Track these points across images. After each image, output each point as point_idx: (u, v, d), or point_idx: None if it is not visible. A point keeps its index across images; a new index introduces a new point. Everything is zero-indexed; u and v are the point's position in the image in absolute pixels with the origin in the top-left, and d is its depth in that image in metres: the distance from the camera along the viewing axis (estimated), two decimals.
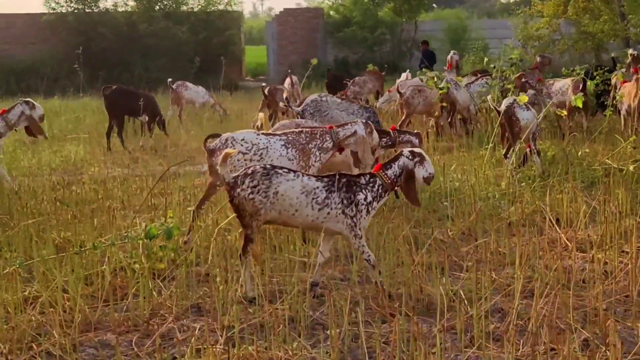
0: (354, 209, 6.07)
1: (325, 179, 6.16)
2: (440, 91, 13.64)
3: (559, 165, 10.67)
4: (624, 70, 15.25)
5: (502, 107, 10.68)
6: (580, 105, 10.26)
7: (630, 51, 15.17)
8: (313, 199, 6.05)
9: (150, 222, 7.94)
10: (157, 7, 31.63)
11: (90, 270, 6.68)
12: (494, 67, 18.01)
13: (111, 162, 12.49)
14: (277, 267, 6.90)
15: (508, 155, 10.40)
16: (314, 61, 18.62)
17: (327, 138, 7.66)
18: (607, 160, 10.61)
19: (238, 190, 6.03)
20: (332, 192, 6.06)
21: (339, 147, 7.77)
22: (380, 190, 6.17)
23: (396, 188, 6.27)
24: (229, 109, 18.74)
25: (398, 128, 9.88)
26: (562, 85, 14.79)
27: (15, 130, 10.82)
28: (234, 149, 7.15)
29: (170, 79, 17.16)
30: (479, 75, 16.75)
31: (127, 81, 24.96)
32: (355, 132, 7.70)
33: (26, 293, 6.30)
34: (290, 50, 32.44)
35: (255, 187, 6.00)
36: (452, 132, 14.22)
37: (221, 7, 32.73)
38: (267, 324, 5.65)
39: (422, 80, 14.78)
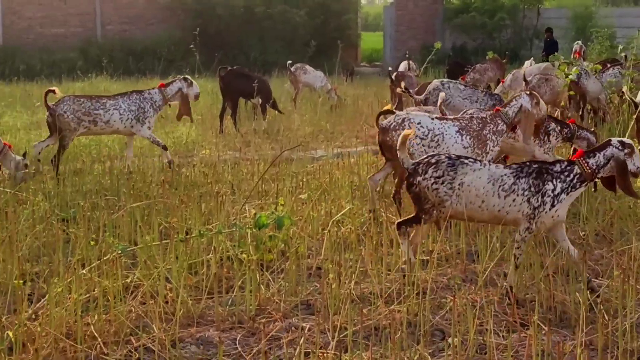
0: (539, 199, 5.62)
1: (514, 166, 5.78)
2: (568, 79, 12.85)
3: None
4: None
5: (638, 100, 9.88)
6: None
7: None
8: (500, 186, 5.66)
9: (260, 210, 7.58)
10: None
11: (195, 259, 6.31)
12: (625, 55, 17.06)
13: (223, 145, 12.17)
14: (395, 264, 6.35)
15: None
16: (438, 45, 18.03)
17: (499, 121, 7.36)
18: None
19: (419, 178, 5.74)
20: (520, 177, 5.65)
21: (512, 126, 7.47)
22: (576, 180, 5.66)
23: (597, 179, 5.85)
24: (344, 94, 18.25)
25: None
26: None
27: (169, 106, 10.76)
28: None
29: (289, 62, 16.84)
30: (610, 65, 15.77)
31: (243, 64, 24.74)
32: (521, 106, 7.32)
33: (128, 280, 5.96)
34: (408, 36, 31.65)
35: (439, 177, 5.70)
36: (582, 123, 13.37)
37: None
38: (382, 328, 5.16)
39: (553, 66, 14.04)
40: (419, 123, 7.25)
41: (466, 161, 5.75)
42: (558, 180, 5.61)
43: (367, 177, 9.17)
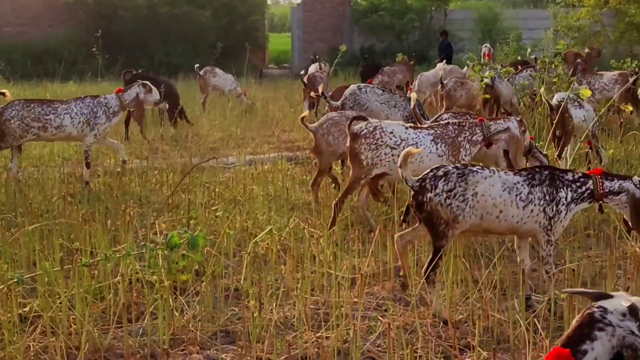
0: (554, 208, 5.32)
1: (524, 173, 5.44)
2: (483, 83, 12.74)
3: (621, 165, 9.76)
4: None
5: (554, 102, 9.72)
6: None
7: None
8: (517, 195, 5.30)
9: (172, 227, 7.07)
10: None
11: (102, 283, 5.75)
12: (535, 57, 17.12)
13: (129, 153, 11.55)
14: (319, 283, 5.92)
15: (562, 156, 9.42)
16: (343, 48, 17.69)
17: (477, 131, 7.12)
18: None
19: (429, 195, 5.26)
20: (535, 186, 5.35)
21: (488, 141, 7.18)
22: (586, 195, 5.40)
23: (603, 201, 5.58)
24: (254, 98, 17.76)
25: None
26: (608, 79, 13.85)
27: (129, 111, 10.28)
28: (413, 148, 6.35)
29: (197, 65, 16.24)
30: (522, 67, 15.75)
31: (147, 66, 23.98)
32: (508, 128, 7.15)
33: (26, 309, 5.38)
34: (316, 37, 31.30)
35: (451, 190, 5.25)
36: None
37: None
38: (310, 357, 4.73)
39: (468, 67, 13.92)
40: (391, 132, 6.99)
41: (475, 169, 5.35)
42: (569, 189, 5.36)
43: (283, 187, 8.79)
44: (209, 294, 5.56)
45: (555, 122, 9.53)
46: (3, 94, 9.34)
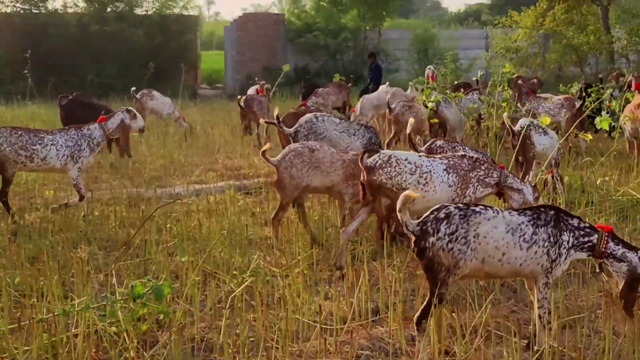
0: (557, 250, 5.09)
1: (529, 212, 5.17)
2: (430, 107, 12.57)
3: (578, 193, 9.63)
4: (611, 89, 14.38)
5: (517, 128, 9.58)
6: (607, 128, 9.15)
7: (631, 76, 14.20)
8: (520, 236, 5.01)
9: (128, 270, 6.64)
10: (109, 9, 29.90)
11: (54, 338, 5.27)
12: (477, 80, 17.09)
13: (67, 183, 11.00)
14: (290, 332, 5.55)
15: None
16: (286, 68, 17.42)
17: (494, 174, 7.09)
18: (631, 190, 9.59)
19: (432, 239, 4.92)
20: (540, 226, 5.08)
21: (499, 190, 7.11)
22: (586, 246, 5.16)
23: (602, 262, 5.26)
24: (192, 121, 17.29)
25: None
26: (554, 103, 13.78)
27: (113, 139, 9.88)
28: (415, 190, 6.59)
29: (133, 88, 15.70)
30: (467, 90, 15.68)
31: (77, 87, 23.23)
32: (522, 191, 7.07)
33: None
34: (250, 57, 30.91)
35: (453, 233, 4.92)
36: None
37: (177, 10, 31.20)
38: None
39: (417, 89, 13.77)
40: (406, 159, 6.96)
41: (477, 209, 5.05)
42: (572, 234, 5.13)
43: (239, 221, 8.42)
44: (177, 345, 5.14)
45: (517, 148, 9.38)
46: None
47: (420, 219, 5.00)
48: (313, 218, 8.67)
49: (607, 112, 12.75)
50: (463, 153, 7.34)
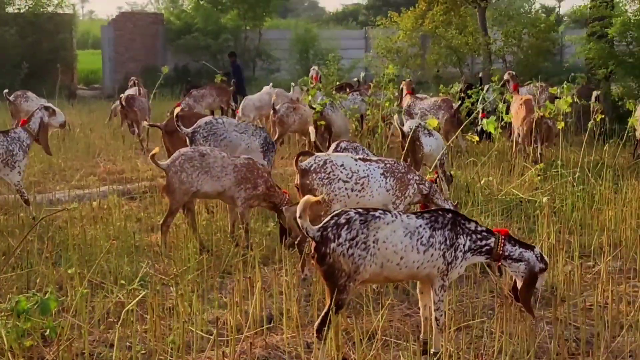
0: (453, 253, 5.08)
1: (427, 215, 5.15)
2: (317, 110, 12.54)
3: (463, 193, 9.79)
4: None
5: (406, 130, 9.66)
6: (493, 131, 9.32)
7: (507, 73, 14.52)
8: (418, 239, 5.00)
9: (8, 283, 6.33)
10: None
11: None
12: (358, 80, 17.21)
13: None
14: (183, 343, 5.38)
15: None
16: (165, 69, 17.08)
17: (426, 184, 7.17)
18: (513, 190, 9.80)
19: (332, 245, 4.81)
20: (437, 229, 5.07)
21: (425, 201, 7.17)
22: (484, 250, 5.19)
23: (501, 264, 5.33)
24: (70, 123, 16.70)
25: None
26: (431, 104, 13.93)
27: (38, 142, 9.38)
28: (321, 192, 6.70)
29: (6, 90, 15.04)
30: (349, 91, 15.76)
31: None
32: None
33: None
34: (128, 57, 30.22)
35: (354, 239, 4.83)
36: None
37: (51, 9, 30.14)
38: None
39: (302, 90, 13.75)
40: (342, 165, 6.88)
41: (377, 214, 4.97)
42: (469, 238, 5.13)
43: (124, 227, 8.17)
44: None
45: (405, 149, 9.45)
46: None
47: (321, 225, 4.93)
48: (201, 224, 8.49)
49: (493, 114, 13.04)
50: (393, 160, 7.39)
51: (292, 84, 15.33)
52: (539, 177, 10.19)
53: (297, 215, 4.80)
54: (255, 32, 31.44)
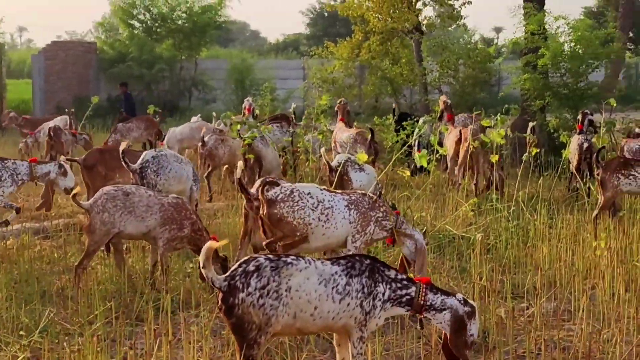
0: (371, 302, 4.71)
1: (343, 261, 4.79)
2: (246, 142, 12.09)
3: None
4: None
5: (334, 164, 9.28)
6: (425, 164, 9.01)
7: (442, 98, 14.31)
8: (333, 287, 4.64)
9: None
10: None
11: None
12: (294, 111, 16.90)
13: None
14: None
15: None
16: (95, 99, 16.51)
17: (391, 218, 6.92)
18: (447, 226, 9.46)
19: (241, 295, 4.41)
20: (353, 276, 4.70)
21: (392, 237, 6.97)
22: (404, 300, 4.82)
23: (422, 317, 5.01)
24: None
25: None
26: (346, 137, 13.32)
27: (36, 184, 9.56)
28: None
29: None
30: (282, 122, 15.36)
31: None
32: (416, 238, 6.92)
33: None
34: (60, 86, 29.39)
35: (264, 287, 4.44)
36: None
37: None
38: None
39: (226, 125, 13.35)
40: (308, 194, 6.78)
41: (289, 259, 4.60)
42: (389, 287, 4.76)
43: (31, 269, 7.62)
44: None
45: (334, 184, 9.07)
46: None
47: (228, 273, 4.51)
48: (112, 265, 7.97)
49: (424, 147, 12.79)
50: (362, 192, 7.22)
51: (213, 114, 14.80)
52: (473, 212, 9.88)
53: (201, 265, 4.38)
54: (191, 61, 30.95)
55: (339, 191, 7.18)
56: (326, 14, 56.55)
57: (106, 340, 5.88)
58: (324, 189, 7.04)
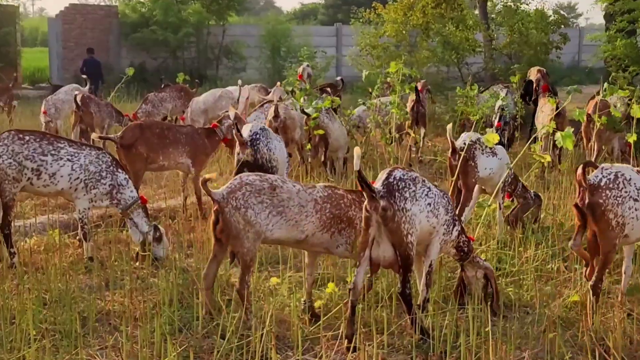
0: None
1: None
2: (314, 115, 10.20)
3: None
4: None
5: (459, 144, 7.22)
6: (570, 147, 6.82)
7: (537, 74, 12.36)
8: None
9: None
10: None
11: None
12: (342, 79, 15.17)
13: None
14: None
15: (463, 217, 6.96)
16: (130, 71, 14.54)
17: None
18: None
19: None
20: None
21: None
22: None
23: None
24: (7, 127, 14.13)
25: None
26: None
27: None
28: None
29: None
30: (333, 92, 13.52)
31: None
32: None
33: None
34: (78, 53, 27.09)
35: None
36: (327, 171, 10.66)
37: None
38: None
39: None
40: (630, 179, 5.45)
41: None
42: None
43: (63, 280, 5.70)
44: None
45: (450, 166, 7.11)
46: None
47: None
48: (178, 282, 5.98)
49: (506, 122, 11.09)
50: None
51: (239, 82, 12.75)
52: None
53: None
54: (219, 27, 28.68)
55: None
56: None
57: None
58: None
